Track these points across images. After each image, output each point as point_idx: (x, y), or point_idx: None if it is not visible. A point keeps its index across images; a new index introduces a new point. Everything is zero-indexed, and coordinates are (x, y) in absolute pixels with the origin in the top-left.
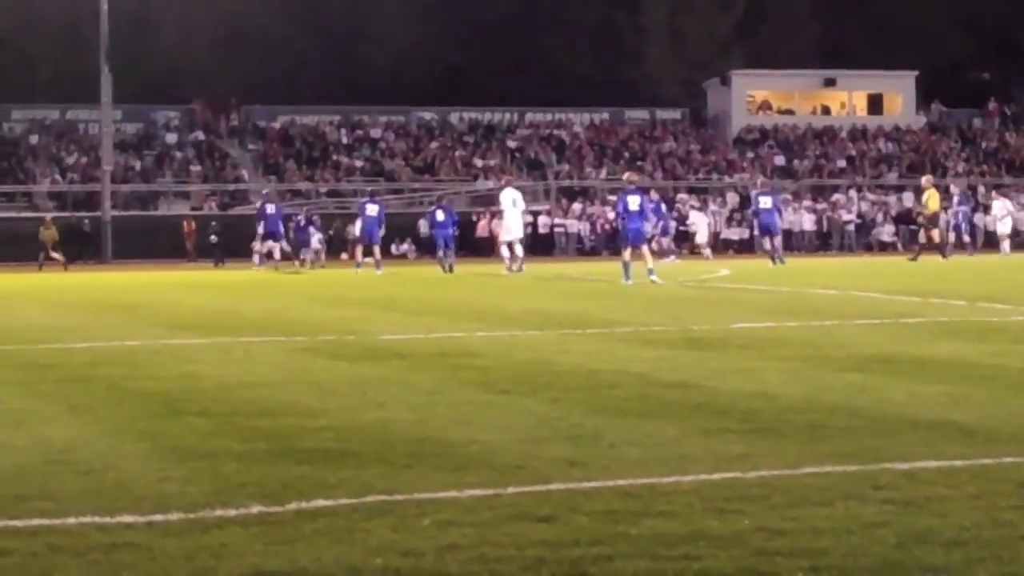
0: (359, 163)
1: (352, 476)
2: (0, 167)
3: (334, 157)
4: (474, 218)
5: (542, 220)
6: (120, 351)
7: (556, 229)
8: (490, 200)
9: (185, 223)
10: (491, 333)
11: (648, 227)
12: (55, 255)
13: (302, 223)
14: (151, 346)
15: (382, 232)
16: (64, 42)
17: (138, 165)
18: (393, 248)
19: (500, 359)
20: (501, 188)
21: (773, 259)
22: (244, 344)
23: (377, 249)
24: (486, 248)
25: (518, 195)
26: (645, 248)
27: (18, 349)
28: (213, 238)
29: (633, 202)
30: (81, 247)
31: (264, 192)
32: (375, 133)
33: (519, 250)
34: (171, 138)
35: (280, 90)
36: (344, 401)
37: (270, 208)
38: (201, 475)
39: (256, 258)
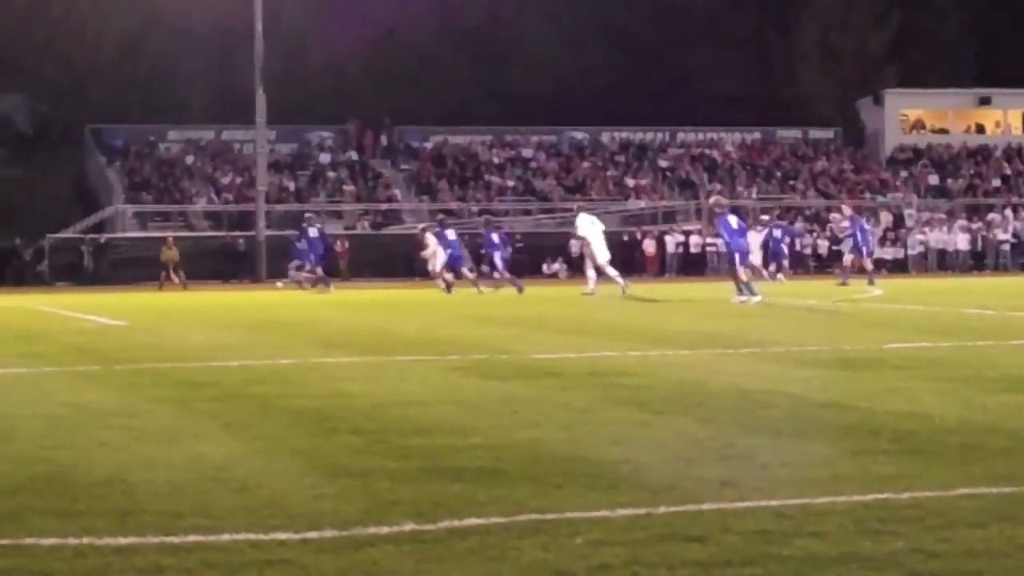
0: (511, 183)
1: (504, 495)
2: (156, 187)
3: (486, 177)
4: (625, 237)
5: (693, 240)
6: (274, 369)
7: (708, 248)
8: (640, 220)
9: (338, 242)
10: (643, 352)
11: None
12: (175, 277)
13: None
14: (304, 364)
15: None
16: (219, 63)
17: (292, 185)
18: (544, 267)
19: (652, 378)
20: (576, 213)
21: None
22: (396, 363)
23: (466, 271)
24: (640, 266)
25: (595, 218)
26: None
27: (173, 367)
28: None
29: (734, 221)
30: (236, 266)
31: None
32: (527, 153)
33: (612, 271)
34: (324, 158)
35: (432, 110)
36: (496, 420)
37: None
38: (354, 493)
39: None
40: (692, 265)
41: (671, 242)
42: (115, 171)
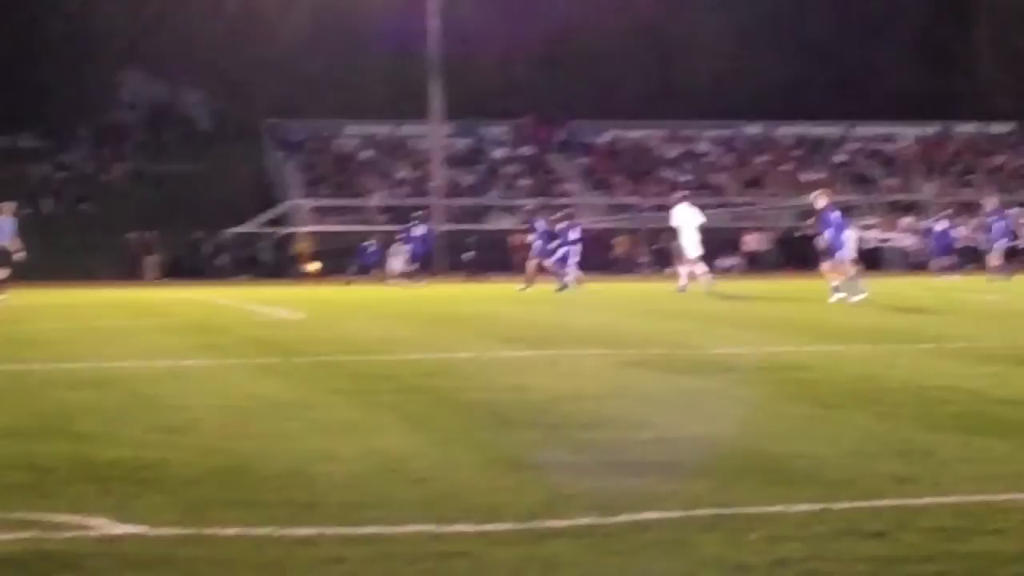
0: (685, 177)
1: (681, 489)
2: (333, 182)
3: (660, 171)
4: (797, 233)
5: (870, 235)
6: (451, 363)
7: (885, 244)
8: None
9: (515, 238)
10: (820, 347)
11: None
12: (310, 267)
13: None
14: (481, 358)
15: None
16: (395, 59)
17: (467, 180)
18: (719, 263)
19: (829, 373)
20: (675, 204)
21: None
22: (573, 357)
23: (543, 263)
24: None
25: (696, 210)
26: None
27: (351, 360)
28: (468, 255)
29: (837, 218)
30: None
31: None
32: (702, 147)
33: (700, 268)
34: (500, 153)
35: (607, 105)
36: (673, 414)
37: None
38: (531, 486)
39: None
40: (868, 260)
41: None
42: (293, 166)
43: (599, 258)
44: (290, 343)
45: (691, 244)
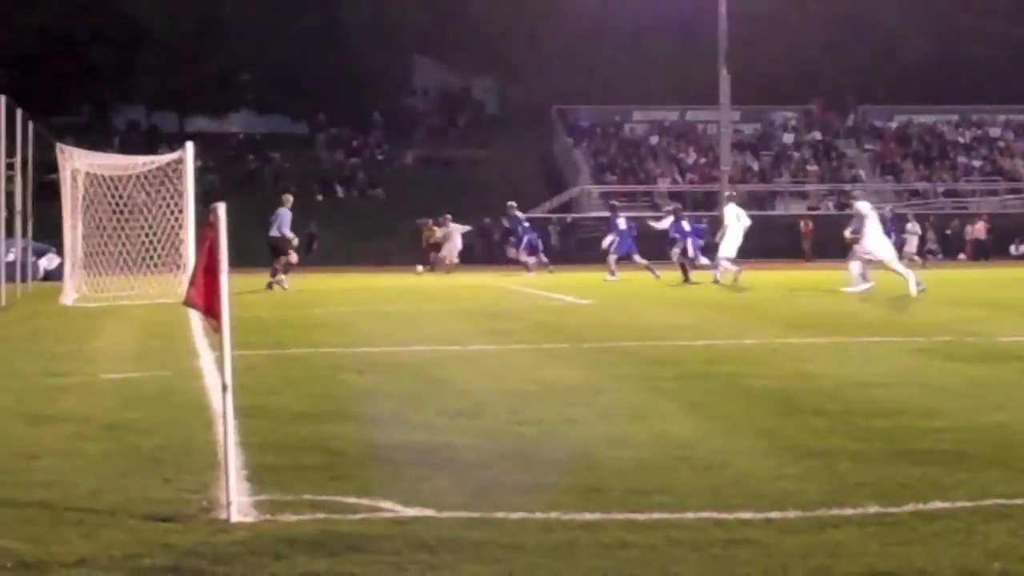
0: (977, 163)
1: (970, 479)
2: (622, 167)
3: (951, 157)
4: None
5: None
6: (737, 349)
7: None
8: None
9: (802, 223)
10: None
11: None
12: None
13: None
14: (768, 344)
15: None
16: (684, 45)
17: (756, 165)
18: (1012, 248)
19: None
20: (726, 203)
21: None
22: (860, 344)
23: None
24: None
25: (741, 211)
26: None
27: (638, 346)
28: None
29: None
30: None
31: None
32: (994, 132)
33: (726, 265)
34: (788, 138)
35: (897, 89)
36: (961, 403)
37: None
38: (817, 474)
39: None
40: None
41: None
42: (581, 152)
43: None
44: (577, 329)
45: (730, 243)
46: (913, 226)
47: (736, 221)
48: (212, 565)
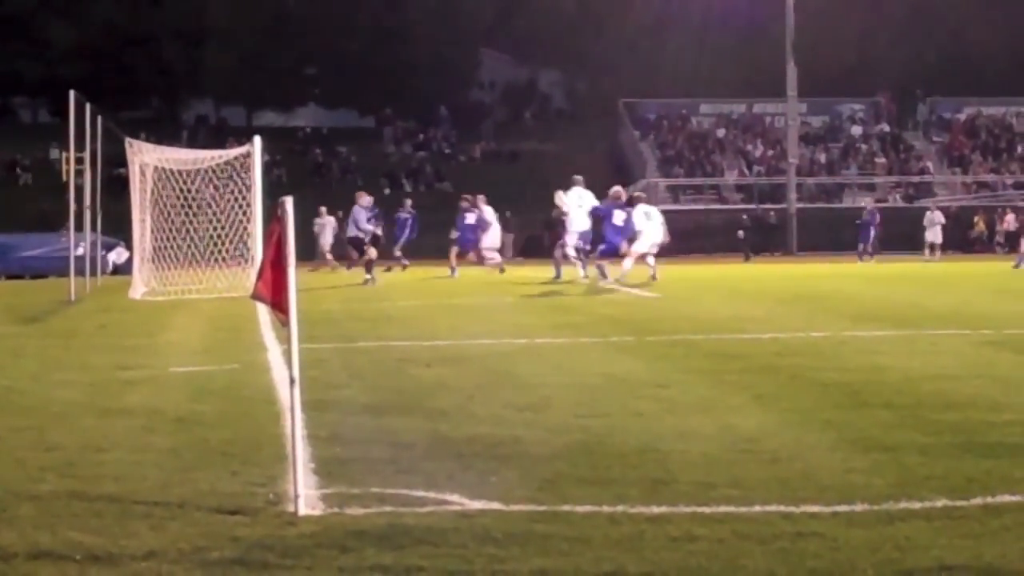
0: None
1: None
2: (689, 160)
3: (1020, 149)
4: None
5: None
6: (805, 342)
7: None
8: None
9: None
10: None
11: None
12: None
13: None
14: (836, 337)
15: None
16: (751, 37)
17: (823, 158)
18: None
19: None
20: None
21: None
22: (929, 336)
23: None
24: None
25: (652, 209)
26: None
27: (705, 339)
28: (741, 233)
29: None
30: (767, 239)
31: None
32: None
33: (640, 261)
34: (856, 130)
35: (966, 81)
36: None
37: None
38: (885, 467)
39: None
40: None
41: None
42: (648, 144)
43: (958, 237)
44: (644, 322)
45: (645, 240)
46: (935, 215)
47: (646, 220)
48: (279, 558)
